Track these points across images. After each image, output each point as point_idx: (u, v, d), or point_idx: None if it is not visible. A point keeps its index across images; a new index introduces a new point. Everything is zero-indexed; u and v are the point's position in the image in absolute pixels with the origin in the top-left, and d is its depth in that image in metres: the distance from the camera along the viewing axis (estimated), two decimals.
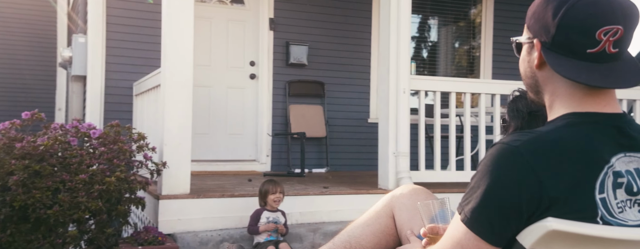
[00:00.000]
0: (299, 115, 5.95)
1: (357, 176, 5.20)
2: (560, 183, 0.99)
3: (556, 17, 1.05)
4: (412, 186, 1.66)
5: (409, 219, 1.57)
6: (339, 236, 1.61)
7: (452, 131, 4.03)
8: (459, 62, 7.02)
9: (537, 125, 1.78)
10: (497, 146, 1.06)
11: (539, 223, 0.98)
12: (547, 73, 1.12)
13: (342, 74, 6.18)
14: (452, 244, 1.07)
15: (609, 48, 1.04)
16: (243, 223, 3.49)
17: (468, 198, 1.06)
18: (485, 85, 4.19)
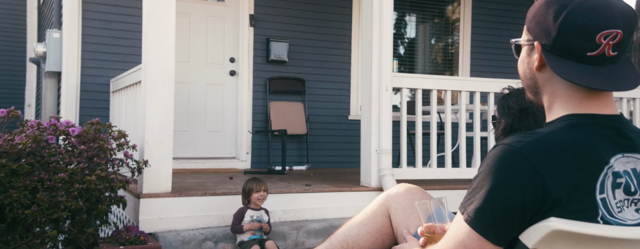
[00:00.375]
0: (279, 112, 5.93)
1: (338, 174, 5.21)
2: (562, 184, 1.01)
3: (557, 21, 1.07)
4: (407, 185, 1.66)
5: (405, 218, 1.57)
6: (336, 236, 1.61)
7: (433, 128, 4.06)
8: (436, 59, 7.07)
9: (528, 121, 1.81)
10: (500, 148, 1.07)
11: (542, 223, 1.00)
12: (546, 74, 1.13)
13: (323, 71, 6.18)
14: (454, 244, 1.08)
15: (608, 51, 1.05)
16: (226, 222, 3.46)
17: (471, 198, 1.07)
18: (467, 83, 4.22)
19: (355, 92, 6.29)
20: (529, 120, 1.80)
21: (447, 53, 7.06)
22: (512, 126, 1.83)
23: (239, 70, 5.97)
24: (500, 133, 1.90)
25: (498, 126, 1.90)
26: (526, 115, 1.81)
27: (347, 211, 3.75)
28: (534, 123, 1.80)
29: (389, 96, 3.90)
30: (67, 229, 2.94)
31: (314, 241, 3.45)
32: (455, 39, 6.97)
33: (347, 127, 6.20)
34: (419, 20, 7.04)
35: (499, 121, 1.89)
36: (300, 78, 6.08)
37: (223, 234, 3.31)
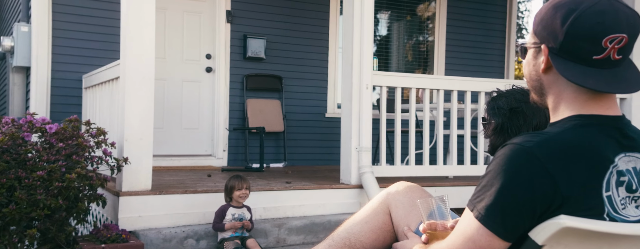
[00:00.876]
0: (256, 109, 5.91)
1: (316, 171, 5.22)
2: (571, 182, 1.04)
3: (565, 25, 1.10)
4: (407, 183, 1.68)
5: (405, 215, 1.59)
6: (338, 233, 1.62)
7: (411, 126, 4.11)
8: (412, 57, 7.15)
9: (518, 121, 1.85)
10: (510, 147, 1.09)
11: (553, 220, 1.03)
12: (552, 77, 1.17)
13: (300, 68, 6.18)
14: (463, 240, 1.10)
15: (613, 55, 1.09)
16: (206, 219, 3.44)
17: (480, 196, 1.09)
18: (445, 81, 4.28)
19: (332, 89, 6.31)
20: (519, 120, 1.85)
21: (422, 51, 7.14)
22: (502, 126, 1.87)
23: (216, 67, 5.92)
24: (490, 133, 1.94)
25: (488, 126, 1.94)
26: (516, 114, 1.86)
27: (328, 208, 3.78)
28: (524, 123, 1.84)
29: (369, 94, 3.93)
30: (47, 227, 2.87)
31: (295, 238, 3.46)
32: (430, 37, 7.06)
33: (324, 125, 6.22)
34: (393, 18, 7.11)
35: (489, 121, 1.93)
36: (277, 75, 6.07)
37: (204, 231, 3.28)
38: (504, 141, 1.87)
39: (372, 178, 3.77)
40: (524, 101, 1.86)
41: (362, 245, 1.57)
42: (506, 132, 1.86)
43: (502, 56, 7.20)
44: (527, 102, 1.85)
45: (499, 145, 1.89)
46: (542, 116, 1.85)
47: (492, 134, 1.92)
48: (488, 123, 1.93)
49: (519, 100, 1.87)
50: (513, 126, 1.85)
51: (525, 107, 1.85)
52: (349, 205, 3.83)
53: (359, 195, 3.86)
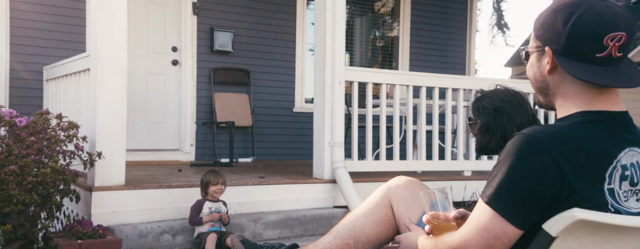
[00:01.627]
0: (224, 103, 5.87)
1: (286, 166, 5.25)
2: (578, 174, 1.11)
3: (567, 26, 1.17)
4: (406, 178, 1.73)
5: (406, 208, 1.65)
6: (343, 225, 1.66)
7: (382, 121, 4.19)
8: (376, 53, 7.25)
9: (502, 119, 1.93)
10: (520, 137, 1.15)
11: (566, 213, 1.09)
12: (557, 77, 1.23)
13: (268, 62, 6.17)
14: (477, 229, 1.16)
15: (614, 52, 1.16)
16: (182, 214, 3.42)
17: (491, 184, 1.15)
18: (415, 77, 4.37)
19: (299, 84, 6.34)
20: (503, 119, 1.93)
21: (387, 47, 7.25)
22: (487, 125, 1.95)
23: (182, 60, 5.84)
24: (477, 133, 2.01)
25: (474, 126, 2.01)
26: (500, 113, 1.93)
27: (302, 203, 3.82)
28: (508, 121, 1.92)
29: (342, 89, 3.98)
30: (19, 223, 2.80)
31: (271, 233, 3.48)
32: (395, 33, 7.17)
33: (292, 119, 6.25)
34: (356, 13, 7.17)
35: (475, 121, 2.00)
36: (245, 69, 6.05)
37: (181, 226, 3.27)
38: (490, 140, 1.95)
39: (345, 173, 3.83)
40: (507, 100, 1.95)
41: (367, 237, 1.62)
42: (492, 131, 1.94)
43: (463, 53, 7.40)
44: (510, 101, 1.94)
45: (486, 143, 1.98)
46: (525, 115, 1.94)
47: (478, 133, 1.99)
48: (474, 123, 2.01)
49: (503, 99, 1.95)
50: (498, 125, 1.93)
51: (508, 106, 1.93)
52: (323, 200, 3.89)
53: (332, 189, 3.91)
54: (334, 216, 3.71)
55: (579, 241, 1.11)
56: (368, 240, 1.62)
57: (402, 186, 1.69)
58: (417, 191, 1.66)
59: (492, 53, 50.97)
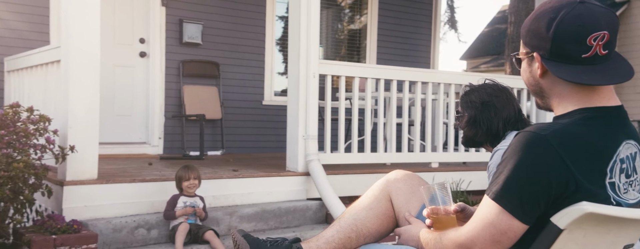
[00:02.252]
0: (193, 96, 5.82)
1: (257, 159, 5.26)
2: (582, 170, 1.16)
3: (549, 31, 1.22)
4: (404, 172, 1.77)
5: (406, 202, 1.69)
6: (344, 219, 1.69)
7: (354, 114, 4.24)
8: (345, 46, 7.30)
9: (489, 113, 2.00)
10: (526, 134, 1.19)
11: (575, 207, 1.15)
12: (549, 80, 1.28)
13: (237, 55, 6.14)
14: (483, 225, 1.20)
15: (600, 51, 1.22)
16: (156, 208, 3.41)
17: (497, 181, 1.19)
18: (386, 71, 4.44)
19: (269, 77, 6.34)
20: (490, 112, 2.00)
21: (355, 40, 7.31)
22: (475, 118, 2.02)
23: (150, 52, 5.76)
24: (464, 125, 2.08)
25: (462, 119, 2.08)
26: (487, 107, 2.01)
27: (276, 195, 3.84)
28: (495, 115, 2.00)
29: (316, 83, 4.02)
30: None
31: (246, 226, 3.50)
32: (362, 27, 7.24)
33: (261, 112, 6.25)
34: (324, 6, 7.18)
35: (462, 114, 2.08)
36: (214, 61, 6.00)
37: (156, 221, 3.25)
38: (476, 133, 2.03)
39: (319, 166, 3.87)
40: (494, 95, 2.02)
41: (368, 230, 1.66)
42: (478, 124, 2.01)
43: (428, 47, 7.53)
44: (498, 96, 2.02)
45: (472, 136, 2.05)
46: (511, 109, 2.02)
47: (465, 126, 2.07)
48: (461, 116, 2.08)
49: (490, 94, 2.03)
50: (485, 119, 2.00)
51: (496, 100, 2.01)
52: (297, 192, 3.92)
53: (306, 182, 3.96)
54: (308, 208, 3.76)
55: (584, 232, 1.17)
56: (369, 233, 1.66)
57: (401, 180, 1.72)
58: (415, 184, 1.71)
59: (442, 48, 51.79)
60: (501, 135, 1.99)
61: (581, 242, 1.19)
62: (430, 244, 1.39)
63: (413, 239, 1.51)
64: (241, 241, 1.63)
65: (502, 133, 1.98)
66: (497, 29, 21.51)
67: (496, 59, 18.82)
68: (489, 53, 19.73)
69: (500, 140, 1.98)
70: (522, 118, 2.02)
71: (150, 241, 3.22)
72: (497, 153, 1.90)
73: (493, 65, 18.31)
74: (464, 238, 1.25)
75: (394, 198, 1.70)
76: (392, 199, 1.70)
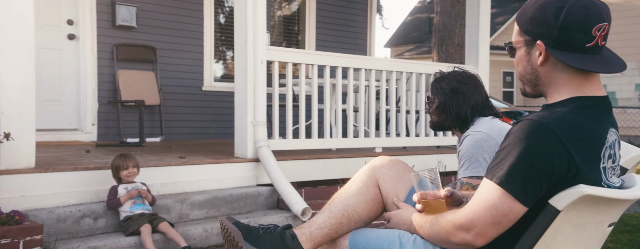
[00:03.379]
0: (129, 81, 5.59)
1: (199, 145, 5.14)
2: (581, 155, 1.22)
3: (558, 20, 1.27)
4: (389, 158, 1.78)
5: (393, 187, 1.71)
6: (335, 205, 1.67)
7: (302, 100, 4.24)
8: (284, 32, 7.25)
9: (458, 99, 2.05)
10: (528, 122, 1.24)
11: (573, 189, 1.21)
12: (548, 67, 1.33)
13: (175, 39, 5.95)
14: (485, 207, 1.24)
15: (600, 41, 1.28)
16: (100, 197, 3.26)
17: (500, 166, 1.23)
18: (330, 58, 4.45)
19: (208, 62, 6.19)
20: (459, 99, 2.06)
21: (293, 26, 7.28)
22: (444, 104, 2.07)
23: (80, 34, 5.45)
24: (434, 111, 2.13)
25: (432, 104, 2.13)
26: (456, 94, 2.06)
27: (226, 182, 3.78)
28: (464, 101, 2.05)
29: (264, 69, 3.97)
30: None
31: (198, 213, 3.43)
32: (301, 12, 7.22)
33: (201, 98, 6.10)
34: None
35: (433, 100, 2.12)
36: (151, 45, 5.78)
37: (103, 210, 3.11)
38: (446, 118, 2.08)
39: (268, 152, 3.84)
40: (463, 82, 2.08)
41: (359, 216, 1.66)
42: (448, 110, 2.07)
43: (365, 34, 7.64)
44: (466, 83, 2.08)
45: (442, 121, 2.10)
46: (479, 96, 2.09)
47: (435, 111, 2.11)
48: (432, 102, 2.12)
49: (459, 81, 2.08)
50: (454, 105, 2.06)
51: (464, 87, 2.07)
52: (246, 178, 3.88)
53: (256, 168, 3.92)
54: (260, 194, 3.73)
55: (578, 213, 1.25)
56: (360, 218, 1.66)
57: (387, 166, 1.75)
58: (400, 170, 1.74)
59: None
60: (469, 121, 2.05)
61: (574, 222, 1.26)
62: (425, 227, 1.42)
63: (404, 223, 1.53)
64: (232, 228, 1.58)
65: (470, 119, 2.05)
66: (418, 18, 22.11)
67: (419, 47, 19.40)
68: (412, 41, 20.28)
69: (469, 125, 2.05)
70: (489, 105, 2.09)
71: (97, 231, 3.08)
72: (467, 138, 1.96)
73: (416, 53, 18.85)
74: (463, 219, 1.29)
75: (382, 183, 1.72)
76: (379, 184, 1.72)
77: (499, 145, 1.93)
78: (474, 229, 1.27)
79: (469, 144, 1.92)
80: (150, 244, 2.90)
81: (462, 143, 1.97)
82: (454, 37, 9.05)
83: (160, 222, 3.04)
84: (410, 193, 1.68)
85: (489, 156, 1.89)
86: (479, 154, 1.88)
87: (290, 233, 1.61)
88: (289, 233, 1.61)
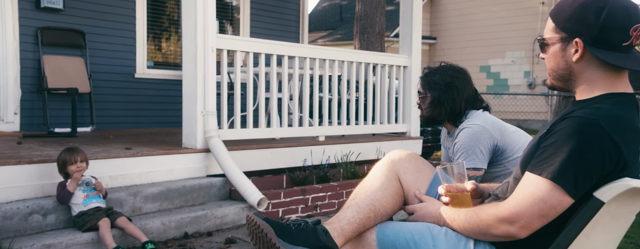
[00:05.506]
0: (56, 67, 5.25)
1: (137, 135, 4.95)
2: (629, 149, 1.31)
3: (599, 19, 1.34)
4: (405, 151, 1.81)
5: (414, 180, 1.74)
6: (361, 200, 1.66)
7: (250, 90, 4.21)
8: (220, 18, 7.10)
9: (452, 94, 2.12)
10: (578, 119, 1.30)
11: (619, 182, 1.29)
12: (583, 64, 1.39)
13: (105, 24, 5.65)
14: (533, 200, 1.30)
15: (634, 41, 1.37)
16: (46, 192, 3.09)
17: (550, 161, 1.29)
18: (277, 47, 4.44)
19: (141, 48, 5.95)
20: (453, 93, 2.12)
21: (227, 13, 7.14)
22: (438, 99, 2.13)
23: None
24: (427, 106, 2.17)
25: (425, 100, 2.17)
26: (450, 88, 2.12)
27: (175, 174, 3.70)
28: (458, 95, 2.12)
29: (214, 57, 3.90)
30: None
31: (151, 206, 3.33)
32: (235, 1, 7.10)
33: (134, 86, 5.86)
34: None
35: (425, 95, 2.17)
36: (79, 30, 5.45)
37: (53, 206, 2.94)
38: (440, 112, 2.15)
39: (219, 142, 3.79)
40: (455, 76, 2.15)
41: (385, 210, 1.67)
42: (442, 104, 2.13)
43: (297, 22, 7.65)
44: (458, 77, 2.15)
45: (436, 115, 2.16)
46: (470, 89, 2.18)
47: (428, 106, 2.17)
48: (424, 97, 2.18)
49: (451, 75, 2.15)
50: (448, 99, 2.12)
51: (457, 81, 2.14)
52: (197, 169, 3.81)
53: (206, 158, 3.86)
54: (212, 185, 3.69)
55: (617, 204, 1.34)
56: (385, 212, 1.68)
57: (406, 160, 1.78)
58: (419, 163, 1.78)
59: None
60: (463, 114, 2.14)
61: (612, 213, 1.36)
62: (459, 219, 1.47)
63: (431, 216, 1.57)
64: (263, 225, 1.54)
65: (464, 112, 2.14)
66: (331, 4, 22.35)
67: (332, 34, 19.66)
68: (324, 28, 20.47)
69: (461, 119, 2.13)
70: (478, 97, 2.20)
71: (46, 228, 2.91)
72: (463, 131, 2.04)
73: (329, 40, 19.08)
74: (508, 212, 1.34)
75: (402, 177, 1.75)
76: (400, 178, 1.75)
77: (494, 138, 2.07)
78: (519, 222, 1.33)
79: (466, 137, 2.01)
80: (110, 239, 2.79)
81: (458, 135, 2.06)
82: (375, 26, 9.29)
83: (118, 217, 2.93)
84: (430, 186, 1.74)
85: (485, 148, 2.00)
86: (475, 146, 1.98)
87: (322, 228, 1.60)
88: (321, 228, 1.60)
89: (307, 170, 4.36)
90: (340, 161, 4.68)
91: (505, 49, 15.20)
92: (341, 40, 17.02)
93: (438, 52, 16.50)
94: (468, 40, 16.34)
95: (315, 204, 4.03)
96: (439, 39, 16.93)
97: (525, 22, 15.01)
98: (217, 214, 3.42)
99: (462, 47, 16.43)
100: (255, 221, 1.59)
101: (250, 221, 1.61)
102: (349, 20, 19.88)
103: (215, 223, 3.40)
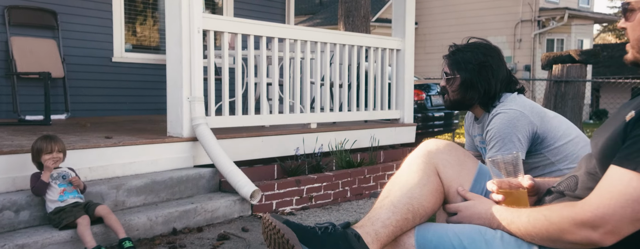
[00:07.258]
0: (25, 50, 4.89)
1: (116, 123, 4.64)
2: None
3: None
4: (444, 141, 1.55)
5: (456, 175, 1.48)
6: (397, 198, 1.42)
7: (238, 74, 3.94)
8: None
9: (487, 75, 1.87)
10: None
11: None
12: None
13: (79, 3, 5.28)
14: (624, 201, 1.08)
15: None
16: (18, 185, 2.80)
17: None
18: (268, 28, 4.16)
19: (119, 30, 5.59)
20: (488, 73, 1.87)
21: None
22: (471, 80, 1.88)
23: None
24: (456, 88, 1.91)
25: (453, 81, 1.91)
26: (485, 68, 1.86)
27: (160, 164, 3.43)
28: (493, 76, 1.87)
29: (200, 39, 3.61)
30: None
31: (135, 200, 3.06)
32: None
33: (111, 71, 5.52)
34: None
35: (454, 76, 1.91)
36: (50, 9, 5.08)
37: (26, 201, 2.66)
38: (473, 96, 1.90)
39: (207, 130, 3.53)
40: (489, 55, 1.90)
41: (424, 210, 1.42)
42: (475, 87, 1.88)
43: (283, 3, 7.36)
44: (492, 56, 1.90)
45: (467, 99, 1.91)
46: (505, 69, 1.94)
47: (458, 89, 1.91)
48: (452, 78, 1.92)
49: (485, 53, 1.89)
50: (482, 81, 1.87)
51: (492, 60, 1.89)
52: (183, 160, 3.54)
53: (193, 148, 3.59)
54: (201, 176, 3.42)
55: None
56: (425, 213, 1.43)
57: (445, 151, 1.52)
58: (461, 155, 1.52)
59: None
60: (497, 97, 1.90)
61: None
62: (520, 222, 1.25)
63: (481, 217, 1.35)
64: (285, 229, 1.30)
65: (498, 95, 1.90)
66: None
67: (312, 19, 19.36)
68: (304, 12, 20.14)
69: (495, 102, 1.90)
70: (513, 78, 1.96)
71: (19, 225, 2.63)
72: (498, 116, 1.81)
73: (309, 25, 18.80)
74: (590, 215, 1.12)
75: (442, 171, 1.49)
76: (439, 172, 1.48)
77: (533, 124, 1.84)
78: (605, 227, 1.11)
79: (501, 123, 1.79)
80: (90, 237, 2.52)
81: (491, 122, 1.83)
82: (360, 9, 9.03)
83: (97, 206, 2.65)
84: (475, 181, 1.50)
85: (523, 136, 1.78)
86: (512, 134, 1.76)
87: (354, 232, 1.35)
88: (352, 232, 1.35)
89: (299, 159, 4.12)
90: (334, 149, 4.45)
91: (487, 34, 15.11)
92: (321, 24, 16.72)
93: (420, 37, 16.33)
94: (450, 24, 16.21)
95: (311, 195, 3.80)
96: (420, 23, 16.77)
97: (506, 6, 14.94)
98: (208, 208, 3.16)
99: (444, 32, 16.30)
100: (273, 225, 1.34)
101: (268, 225, 1.35)
102: (328, 5, 19.57)
103: (205, 217, 3.15)
